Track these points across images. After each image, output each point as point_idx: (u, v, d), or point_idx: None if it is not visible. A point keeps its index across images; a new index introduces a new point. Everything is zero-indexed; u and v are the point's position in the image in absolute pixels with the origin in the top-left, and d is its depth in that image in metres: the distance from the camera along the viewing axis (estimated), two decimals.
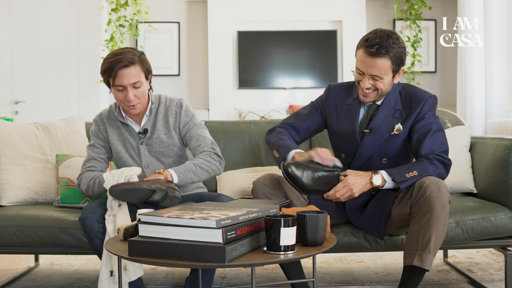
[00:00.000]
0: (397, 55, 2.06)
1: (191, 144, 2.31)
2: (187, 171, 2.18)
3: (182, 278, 2.69)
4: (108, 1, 5.89)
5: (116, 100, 2.26)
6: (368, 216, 2.15)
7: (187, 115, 2.33)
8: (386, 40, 2.04)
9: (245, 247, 1.53)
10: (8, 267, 2.99)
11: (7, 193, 2.55)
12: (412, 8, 6.01)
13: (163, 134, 2.30)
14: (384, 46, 2.03)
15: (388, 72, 2.07)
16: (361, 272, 2.75)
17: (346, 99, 2.25)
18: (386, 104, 2.17)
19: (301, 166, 1.94)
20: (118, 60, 2.14)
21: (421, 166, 2.03)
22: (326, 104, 2.29)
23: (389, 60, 2.05)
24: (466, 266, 2.84)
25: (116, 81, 2.16)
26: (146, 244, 1.51)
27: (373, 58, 2.04)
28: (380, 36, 2.05)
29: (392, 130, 2.14)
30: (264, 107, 6.08)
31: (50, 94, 5.63)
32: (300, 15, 6.23)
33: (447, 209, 1.93)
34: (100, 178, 2.18)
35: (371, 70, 2.06)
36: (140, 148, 2.30)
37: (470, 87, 5.05)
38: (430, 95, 2.16)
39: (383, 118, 2.15)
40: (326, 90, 2.32)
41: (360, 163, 2.18)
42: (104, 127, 2.35)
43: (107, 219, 2.08)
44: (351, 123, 2.19)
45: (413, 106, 2.14)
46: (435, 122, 2.13)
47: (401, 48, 2.07)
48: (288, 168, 1.93)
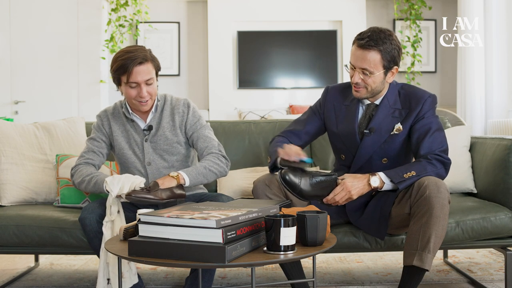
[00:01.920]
0: (388, 50, 2.07)
1: (198, 145, 2.31)
2: (198, 174, 2.19)
3: (182, 278, 2.69)
4: (108, 1, 5.89)
5: (127, 97, 2.25)
6: (368, 216, 2.15)
7: (194, 116, 2.34)
8: (378, 34, 2.07)
9: (245, 247, 1.53)
10: (8, 267, 2.99)
11: (7, 193, 2.55)
12: (412, 8, 6.01)
13: (168, 131, 2.30)
14: (374, 39, 2.05)
15: (377, 67, 2.07)
16: (361, 272, 2.75)
17: (344, 100, 2.26)
18: (385, 103, 2.17)
19: (298, 173, 1.94)
20: (132, 57, 2.15)
21: (419, 166, 2.03)
22: (325, 106, 2.29)
23: (379, 53, 2.06)
24: (466, 266, 2.84)
25: (131, 78, 2.17)
26: (146, 244, 1.51)
27: (363, 51, 2.07)
28: (373, 31, 2.08)
29: (391, 130, 2.14)
30: (264, 107, 6.09)
31: (50, 94, 5.63)
32: (300, 15, 6.23)
33: (446, 209, 1.93)
34: (99, 178, 2.16)
35: (360, 63, 2.08)
36: (144, 144, 2.30)
37: (470, 87, 5.05)
38: (430, 95, 2.16)
39: (382, 118, 2.15)
40: (324, 92, 2.33)
41: (360, 164, 2.18)
42: (108, 122, 2.34)
43: (105, 224, 2.07)
44: (350, 123, 2.19)
45: (412, 106, 2.14)
46: (435, 121, 2.13)
47: (394, 45, 2.08)
48: (285, 176, 1.93)
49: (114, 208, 2.08)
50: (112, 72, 2.22)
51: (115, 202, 2.08)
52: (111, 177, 2.12)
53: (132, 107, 2.30)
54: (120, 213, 2.09)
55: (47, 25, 5.62)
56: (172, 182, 2.10)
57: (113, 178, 2.10)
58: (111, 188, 2.07)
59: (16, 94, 5.60)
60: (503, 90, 4.85)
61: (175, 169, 2.31)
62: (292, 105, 5.95)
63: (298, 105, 5.92)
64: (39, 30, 5.60)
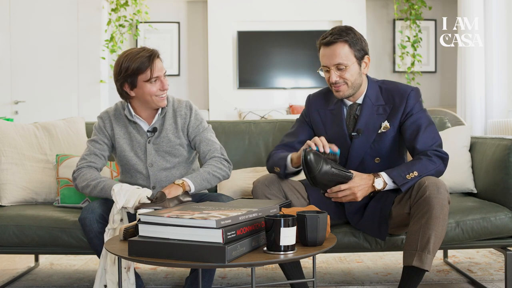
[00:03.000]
0: (354, 40, 2.10)
1: (200, 148, 2.31)
2: (203, 180, 2.19)
3: (182, 278, 2.69)
4: (108, 1, 5.89)
5: (147, 95, 2.21)
6: (369, 217, 2.15)
7: (196, 118, 2.34)
8: (339, 29, 2.12)
9: (245, 247, 1.53)
10: (8, 267, 2.99)
11: (7, 193, 2.55)
12: (412, 8, 6.01)
13: (171, 133, 2.30)
14: (336, 33, 2.10)
15: (349, 57, 2.10)
16: (361, 272, 2.75)
17: (327, 105, 2.27)
18: (367, 102, 2.18)
19: (320, 158, 1.95)
20: (148, 53, 2.18)
21: (421, 166, 2.03)
22: (310, 115, 2.31)
23: (346, 44, 2.10)
24: (466, 266, 2.84)
25: (154, 72, 2.17)
26: (146, 244, 1.51)
27: (330, 47, 2.11)
28: (333, 28, 2.15)
29: (379, 128, 2.15)
30: (264, 107, 6.08)
31: (50, 94, 5.63)
32: (300, 15, 6.23)
33: (446, 209, 1.93)
34: (106, 184, 2.14)
35: (332, 59, 2.10)
36: (147, 146, 2.29)
37: (470, 87, 5.05)
38: (412, 88, 2.17)
39: (367, 117, 2.16)
40: (306, 101, 2.36)
41: (354, 166, 2.17)
42: (111, 124, 2.33)
43: (107, 231, 2.06)
44: (339, 126, 2.20)
45: (396, 101, 2.15)
46: (424, 116, 2.14)
47: (358, 36, 2.13)
48: (308, 156, 1.93)
49: (117, 217, 2.07)
50: (124, 76, 2.18)
51: (119, 212, 2.07)
52: (118, 185, 2.09)
53: (147, 105, 2.26)
54: (124, 221, 2.08)
55: (47, 25, 5.62)
56: (178, 190, 2.09)
57: (120, 188, 2.08)
58: (117, 199, 2.05)
59: (16, 94, 5.60)
60: (503, 90, 4.85)
61: (177, 170, 2.31)
62: (292, 105, 5.95)
63: (298, 105, 5.92)
64: (39, 30, 5.60)
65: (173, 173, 2.30)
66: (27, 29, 5.59)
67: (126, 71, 2.17)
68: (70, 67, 5.68)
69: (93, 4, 5.69)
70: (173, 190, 2.08)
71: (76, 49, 5.68)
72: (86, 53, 5.68)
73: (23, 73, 5.61)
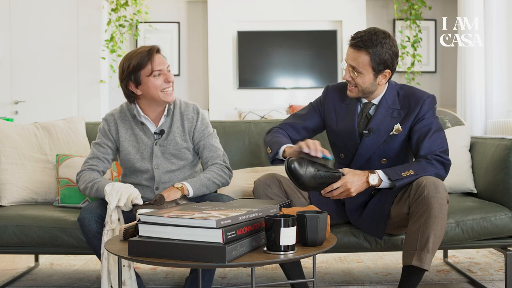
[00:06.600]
0: (378, 53, 2.05)
1: (204, 153, 2.32)
2: (202, 185, 2.20)
3: (182, 278, 2.69)
4: (108, 1, 5.89)
5: (152, 91, 2.21)
6: (368, 216, 2.15)
7: (203, 123, 2.34)
8: (371, 36, 2.05)
9: (245, 247, 1.53)
10: (8, 267, 2.99)
11: (7, 193, 2.55)
12: (412, 8, 6.00)
13: (178, 136, 2.30)
14: (364, 40, 2.05)
15: (366, 68, 2.07)
16: (361, 272, 2.75)
17: (344, 98, 2.26)
18: (384, 104, 2.17)
19: (304, 164, 1.94)
20: (147, 48, 2.19)
21: (418, 166, 2.03)
22: (325, 104, 2.29)
23: (368, 55, 2.05)
24: (466, 266, 2.84)
25: (154, 65, 2.18)
26: (146, 244, 1.51)
27: (353, 50, 2.09)
28: (368, 32, 2.07)
29: (391, 130, 2.14)
30: (264, 107, 6.08)
31: (50, 94, 5.63)
32: (300, 15, 6.23)
33: (445, 208, 1.93)
34: (100, 185, 2.15)
35: (351, 60, 2.10)
36: (154, 148, 2.29)
37: (470, 87, 5.05)
38: (429, 95, 2.16)
39: (381, 119, 2.15)
40: (324, 90, 2.34)
41: (360, 164, 2.17)
42: (116, 127, 2.32)
43: (106, 232, 2.06)
44: (350, 122, 2.19)
45: (411, 106, 2.14)
46: (435, 122, 2.13)
47: (386, 49, 2.06)
48: (291, 165, 1.92)
49: (114, 216, 2.07)
50: (127, 74, 2.19)
51: (114, 211, 2.08)
52: (110, 185, 2.09)
53: (155, 103, 2.26)
54: (121, 221, 2.09)
55: (47, 25, 5.62)
56: (177, 194, 2.11)
57: (112, 188, 2.07)
58: (110, 199, 2.05)
59: (16, 94, 5.60)
60: (503, 90, 4.85)
61: (181, 172, 2.32)
62: (292, 105, 5.95)
63: (298, 105, 5.92)
64: (39, 30, 5.60)
65: (177, 175, 2.30)
66: (27, 29, 5.59)
67: (128, 69, 2.19)
68: (70, 67, 5.67)
69: (93, 4, 5.69)
70: (172, 194, 2.10)
71: (76, 49, 5.68)
72: (86, 53, 5.68)
73: (23, 73, 5.60)
